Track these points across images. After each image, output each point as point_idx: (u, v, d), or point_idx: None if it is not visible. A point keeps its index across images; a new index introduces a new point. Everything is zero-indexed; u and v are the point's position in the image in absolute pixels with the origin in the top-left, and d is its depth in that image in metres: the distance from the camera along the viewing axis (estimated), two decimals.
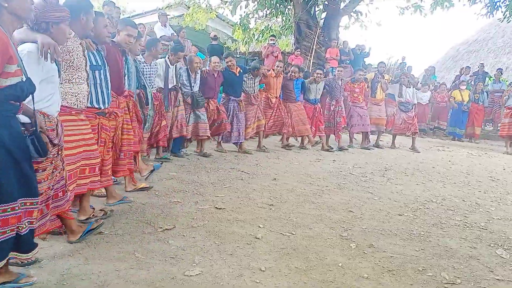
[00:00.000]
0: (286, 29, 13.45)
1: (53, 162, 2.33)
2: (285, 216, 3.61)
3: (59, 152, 2.41)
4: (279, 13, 13.08)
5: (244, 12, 13.32)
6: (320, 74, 7.37)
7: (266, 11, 13.32)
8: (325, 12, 12.37)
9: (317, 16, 12.10)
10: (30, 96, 2.00)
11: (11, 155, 1.86)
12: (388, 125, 8.60)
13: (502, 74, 12.94)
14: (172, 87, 5.40)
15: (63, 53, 2.60)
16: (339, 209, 3.93)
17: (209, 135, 6.07)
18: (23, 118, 2.05)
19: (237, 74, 6.49)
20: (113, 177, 3.58)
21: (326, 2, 11.55)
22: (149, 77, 4.66)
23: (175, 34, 9.15)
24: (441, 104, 11.13)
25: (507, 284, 2.60)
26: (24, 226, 2.03)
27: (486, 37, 19.74)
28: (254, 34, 13.94)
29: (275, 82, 7.04)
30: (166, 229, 3.08)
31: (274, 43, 11.04)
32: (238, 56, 12.62)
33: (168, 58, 5.38)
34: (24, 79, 1.86)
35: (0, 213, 1.88)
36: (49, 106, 2.29)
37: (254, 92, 6.81)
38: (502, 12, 11.12)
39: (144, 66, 4.61)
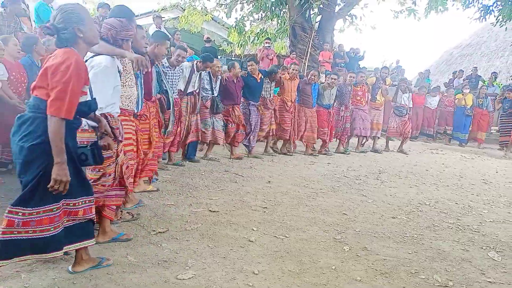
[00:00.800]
0: (281, 32, 13.47)
1: (111, 163, 2.59)
2: (279, 219, 3.61)
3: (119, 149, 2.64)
4: (275, 16, 13.11)
5: (240, 14, 13.36)
6: (335, 79, 7.24)
7: (261, 14, 13.34)
8: (320, 15, 12.40)
9: (312, 19, 12.12)
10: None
11: (74, 161, 2.06)
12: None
13: (496, 78, 13.03)
14: (190, 92, 5.39)
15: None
16: (333, 212, 3.94)
17: (220, 142, 6.02)
18: (92, 123, 2.35)
19: (258, 80, 6.42)
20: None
21: (321, 6, 11.57)
22: (171, 81, 4.67)
23: (170, 36, 9.15)
24: (448, 108, 10.97)
25: (499, 286, 2.61)
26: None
27: (479, 41, 19.95)
28: (249, 36, 13.96)
29: (289, 85, 6.93)
30: (159, 232, 3.07)
31: (269, 46, 11.05)
32: (233, 58, 12.63)
33: (196, 64, 5.38)
34: (89, 97, 2.11)
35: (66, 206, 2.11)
36: (113, 110, 2.58)
37: (270, 96, 6.76)
38: (495, 16, 11.21)
39: (167, 70, 4.63)
